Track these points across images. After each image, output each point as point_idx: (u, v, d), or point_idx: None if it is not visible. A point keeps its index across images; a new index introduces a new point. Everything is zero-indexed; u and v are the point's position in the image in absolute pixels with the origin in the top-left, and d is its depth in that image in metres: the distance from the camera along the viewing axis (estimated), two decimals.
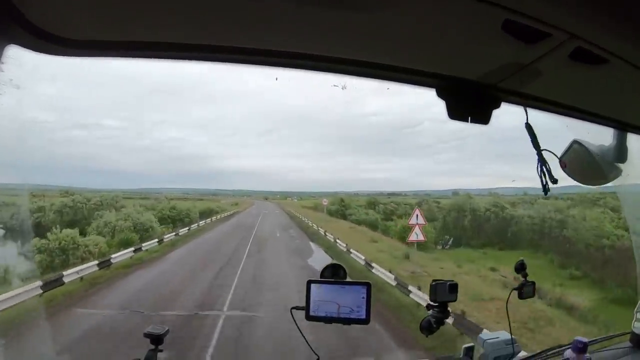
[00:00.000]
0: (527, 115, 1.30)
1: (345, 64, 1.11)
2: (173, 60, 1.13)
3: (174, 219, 33.87)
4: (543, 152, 1.33)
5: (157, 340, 1.49)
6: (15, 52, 0.94)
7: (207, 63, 1.14)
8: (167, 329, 1.52)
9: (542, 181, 1.34)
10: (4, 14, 0.83)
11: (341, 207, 49.26)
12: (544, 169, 1.33)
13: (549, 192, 1.36)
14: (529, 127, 1.32)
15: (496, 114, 1.28)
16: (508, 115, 1.36)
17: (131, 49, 1.02)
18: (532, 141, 1.32)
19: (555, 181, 1.33)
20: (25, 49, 0.94)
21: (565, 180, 1.50)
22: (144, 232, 25.61)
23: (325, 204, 51.90)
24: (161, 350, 1.49)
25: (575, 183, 1.59)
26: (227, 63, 1.12)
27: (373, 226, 36.27)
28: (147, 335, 1.49)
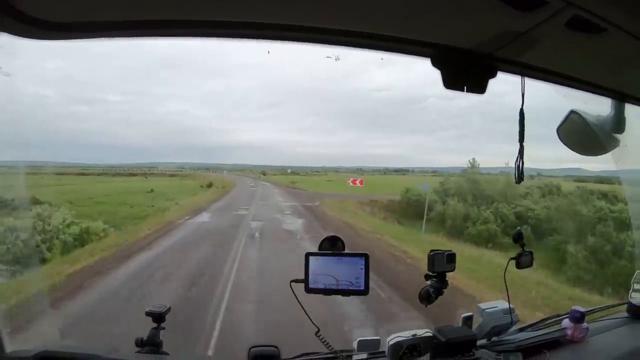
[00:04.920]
0: (523, 85, 1.30)
1: (338, 35, 1.10)
2: (167, 37, 1.12)
3: None
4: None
5: (159, 318, 1.52)
6: (5, 40, 0.93)
7: (201, 39, 1.13)
8: (168, 306, 1.55)
9: (516, 173, 1.36)
10: None
11: None
12: (521, 163, 1.34)
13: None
14: (521, 115, 1.33)
15: (501, 91, 1.29)
16: (515, 95, 1.36)
17: (123, 28, 1.01)
18: (520, 131, 1.33)
19: (522, 179, 1.36)
20: (14, 36, 0.94)
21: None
22: None
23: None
24: (163, 328, 1.53)
25: None
26: (219, 38, 1.11)
27: None
28: (149, 314, 1.52)
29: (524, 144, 1.33)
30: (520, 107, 1.32)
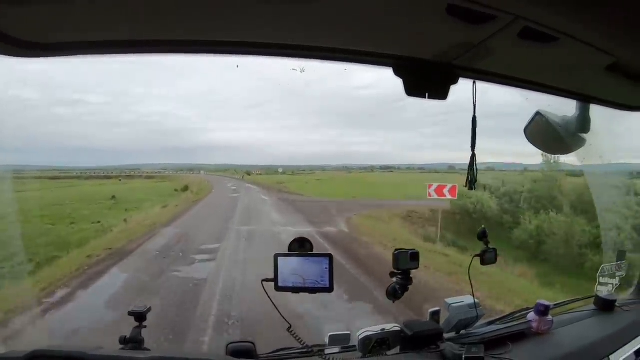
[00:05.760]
0: (475, 91, 1.35)
1: (304, 50, 1.16)
2: (145, 55, 1.17)
3: None
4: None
5: (140, 317, 1.59)
6: None
7: (178, 55, 1.19)
8: (149, 307, 1.62)
9: (468, 177, 1.39)
10: None
11: None
12: (474, 168, 1.37)
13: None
14: (474, 121, 1.37)
15: (482, 88, 1.34)
16: (498, 92, 1.39)
17: (104, 47, 1.06)
18: (472, 137, 1.36)
19: (474, 186, 1.38)
20: None
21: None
22: None
23: None
24: (145, 327, 1.59)
25: None
26: (196, 55, 1.18)
27: None
28: (131, 313, 1.59)
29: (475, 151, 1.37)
30: (473, 114, 1.36)
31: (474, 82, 1.33)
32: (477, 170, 1.36)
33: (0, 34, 0.89)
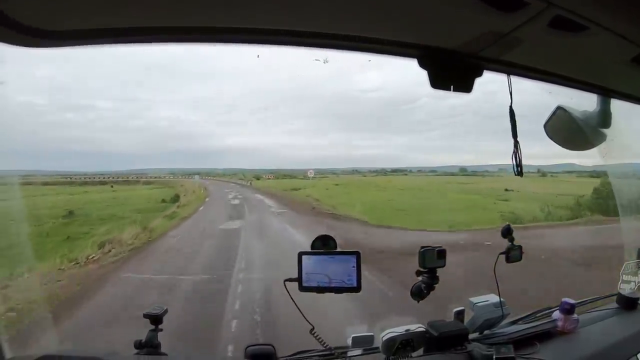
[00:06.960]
0: (510, 83, 1.33)
1: (326, 38, 1.12)
2: (158, 43, 1.14)
3: None
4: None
5: (156, 320, 1.55)
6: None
7: (192, 44, 1.16)
8: (165, 308, 1.57)
9: (514, 168, 1.40)
10: None
11: None
12: (518, 158, 1.39)
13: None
14: (512, 113, 1.37)
15: (492, 89, 1.33)
16: (505, 92, 1.39)
17: (116, 35, 1.03)
18: (512, 128, 1.37)
19: (521, 173, 1.40)
20: (7, 45, 0.95)
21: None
22: None
23: None
24: (161, 330, 1.55)
25: None
26: (210, 43, 1.15)
27: None
28: (146, 315, 1.54)
29: (518, 139, 1.37)
30: (510, 105, 1.36)
31: (508, 75, 1.31)
32: (521, 157, 1.38)
33: (8, 21, 0.86)
